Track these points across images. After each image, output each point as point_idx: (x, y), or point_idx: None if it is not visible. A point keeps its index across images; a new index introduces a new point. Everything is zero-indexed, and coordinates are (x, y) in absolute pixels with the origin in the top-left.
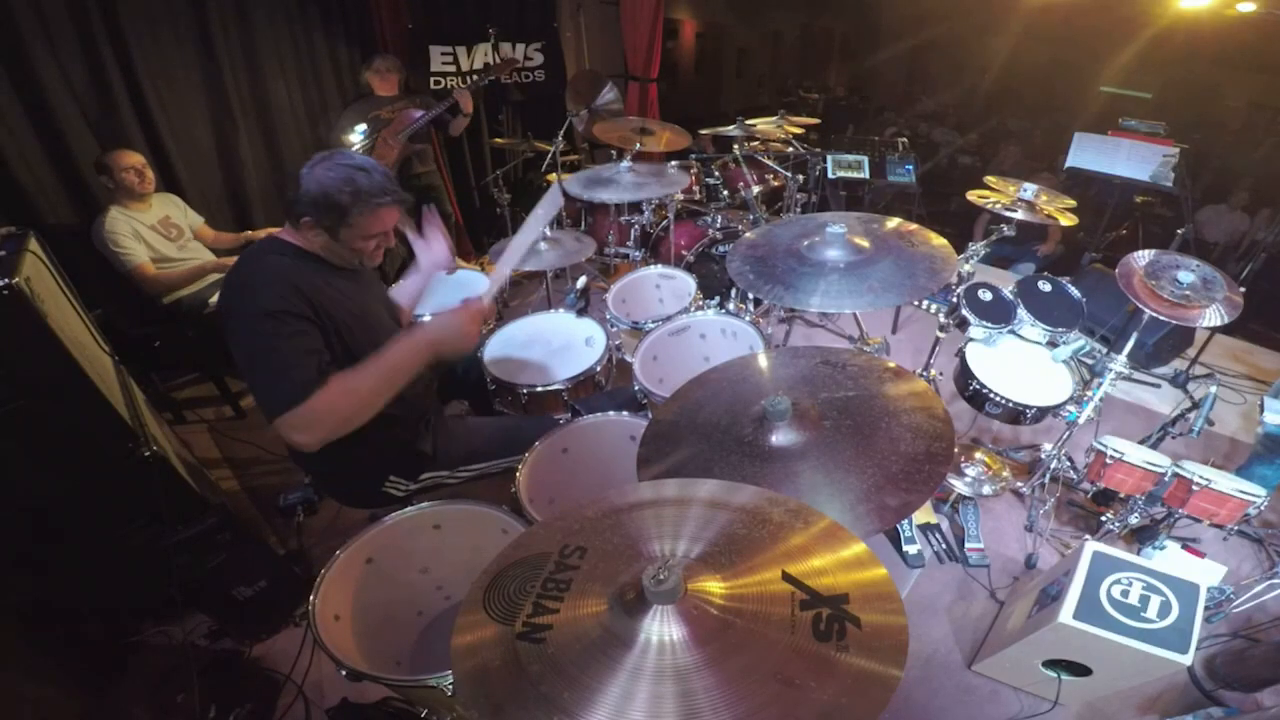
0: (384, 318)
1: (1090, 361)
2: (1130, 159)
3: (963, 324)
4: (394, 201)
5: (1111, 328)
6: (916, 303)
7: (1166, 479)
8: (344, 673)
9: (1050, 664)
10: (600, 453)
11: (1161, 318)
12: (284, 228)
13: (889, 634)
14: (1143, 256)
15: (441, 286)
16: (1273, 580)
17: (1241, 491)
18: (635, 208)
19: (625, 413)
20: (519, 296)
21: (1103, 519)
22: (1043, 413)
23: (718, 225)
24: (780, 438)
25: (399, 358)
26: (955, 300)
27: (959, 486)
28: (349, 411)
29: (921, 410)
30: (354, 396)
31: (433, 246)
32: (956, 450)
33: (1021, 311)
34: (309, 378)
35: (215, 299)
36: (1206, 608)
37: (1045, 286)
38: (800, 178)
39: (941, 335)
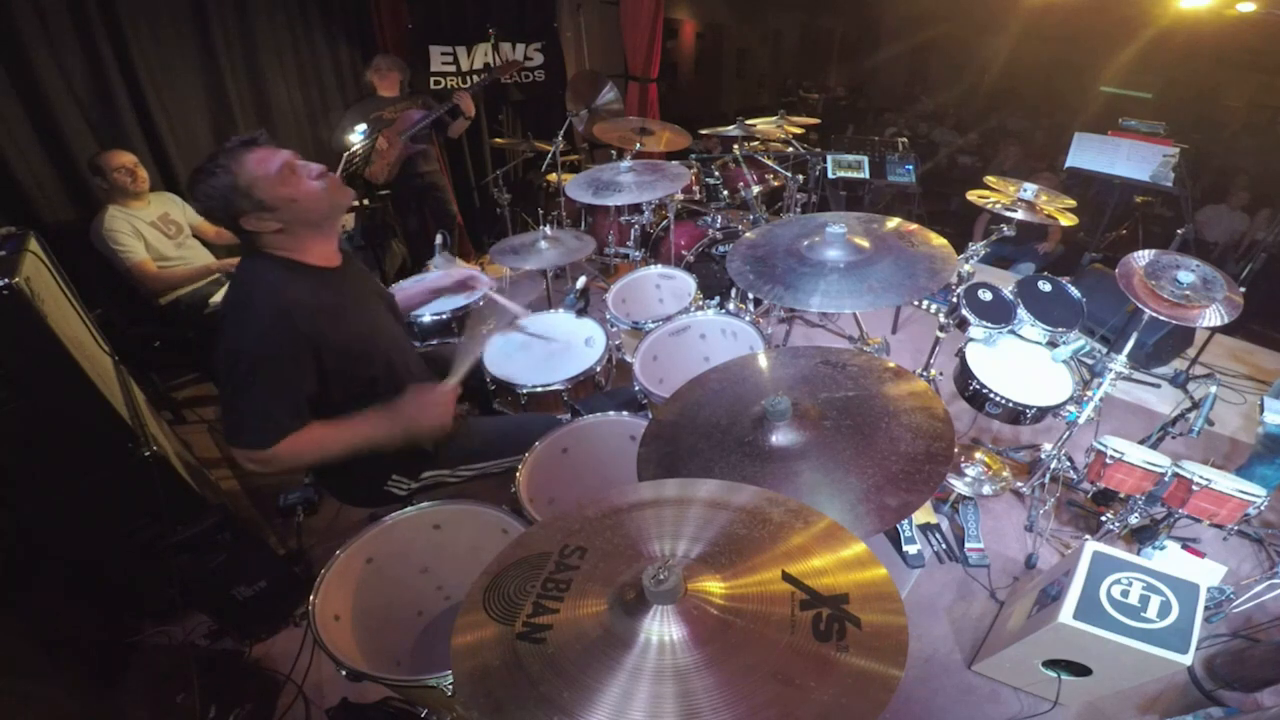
0: (382, 317)
1: (1090, 361)
2: (1130, 159)
3: (963, 324)
4: (247, 141)
5: (1111, 328)
6: (916, 303)
7: (1166, 479)
8: (344, 673)
9: (1050, 664)
10: (600, 453)
11: (1161, 318)
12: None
13: (889, 634)
14: (1143, 256)
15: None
16: (1273, 580)
17: (1241, 491)
18: (635, 208)
19: (625, 413)
20: (519, 297)
21: (1103, 519)
22: (1043, 413)
23: (718, 225)
24: (780, 438)
25: (371, 433)
26: (955, 300)
27: (959, 486)
28: (310, 459)
29: (921, 410)
30: (321, 450)
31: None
32: (956, 450)
33: (1021, 311)
34: (276, 426)
35: (216, 298)
36: (1206, 608)
37: (1045, 286)
38: (800, 178)
39: (941, 335)
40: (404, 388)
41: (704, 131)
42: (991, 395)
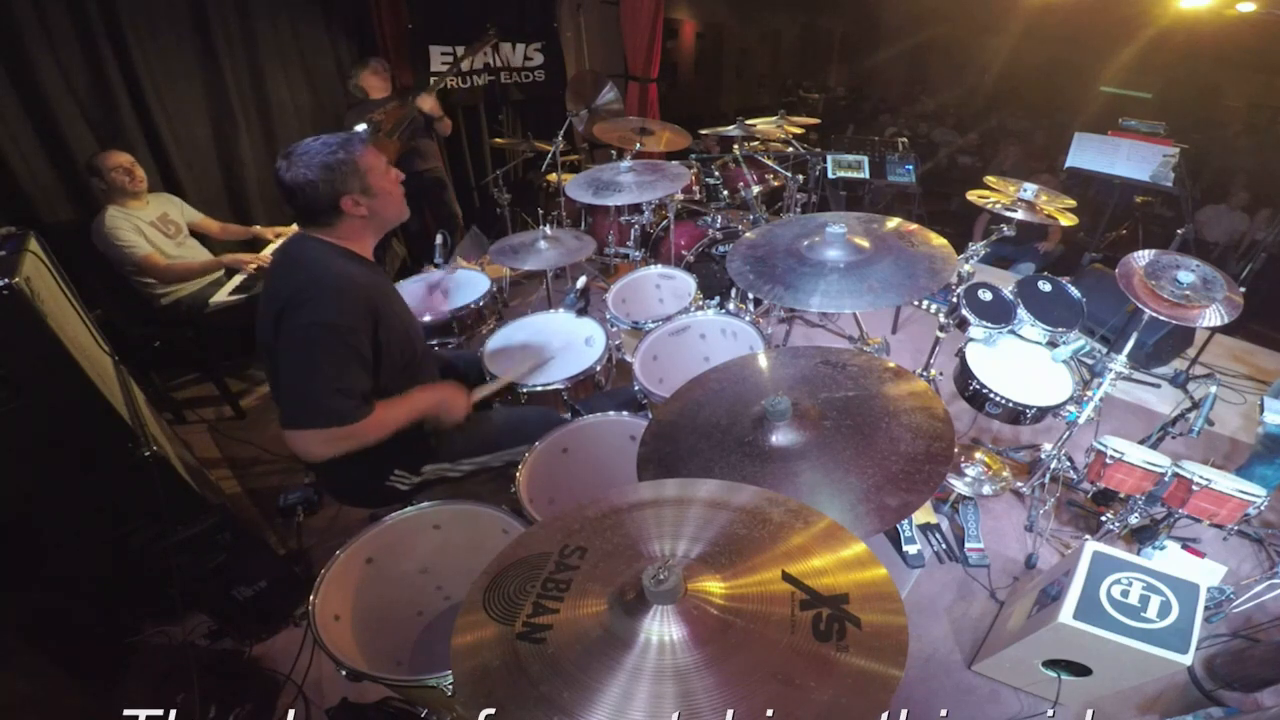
0: (406, 309)
1: (1090, 361)
2: (1130, 159)
3: (963, 324)
4: (360, 137)
5: (1111, 328)
6: (916, 303)
7: (1166, 479)
8: (344, 673)
9: (1050, 664)
10: (600, 453)
11: (1161, 318)
12: (312, 232)
13: (889, 634)
14: (1143, 256)
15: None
16: (1273, 580)
17: (1241, 491)
18: (635, 208)
19: (625, 413)
20: (519, 296)
21: (1103, 519)
22: (1043, 413)
23: (718, 225)
24: (780, 438)
25: (423, 405)
26: (955, 300)
27: (959, 486)
28: (374, 438)
29: (921, 410)
30: (384, 429)
31: None
32: (956, 450)
33: (1021, 311)
34: (352, 403)
35: (216, 298)
36: (1206, 608)
37: (1045, 286)
38: (800, 178)
39: (941, 335)
40: (427, 372)
41: (704, 131)
42: (991, 395)
